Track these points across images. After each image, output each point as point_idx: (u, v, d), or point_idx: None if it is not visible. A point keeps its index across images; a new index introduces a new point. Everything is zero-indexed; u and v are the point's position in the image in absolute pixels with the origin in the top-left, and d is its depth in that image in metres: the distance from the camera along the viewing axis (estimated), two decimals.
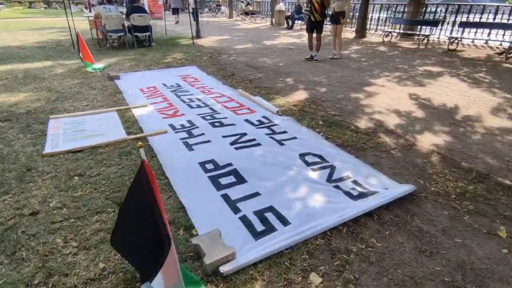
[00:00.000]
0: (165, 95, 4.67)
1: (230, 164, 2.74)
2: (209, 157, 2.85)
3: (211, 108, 4.14)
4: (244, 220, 2.07)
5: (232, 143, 3.13)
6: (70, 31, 8.41)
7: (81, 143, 3.08)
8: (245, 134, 3.36)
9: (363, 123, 3.80)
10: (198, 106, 4.23)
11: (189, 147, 3.05)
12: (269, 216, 2.11)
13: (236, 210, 2.17)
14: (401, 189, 2.40)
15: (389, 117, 4.08)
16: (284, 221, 2.06)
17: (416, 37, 10.56)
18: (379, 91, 5.22)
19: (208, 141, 3.18)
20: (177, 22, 16.92)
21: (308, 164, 2.80)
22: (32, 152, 2.94)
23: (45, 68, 6.22)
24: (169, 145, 3.08)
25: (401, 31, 11.31)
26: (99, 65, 6.33)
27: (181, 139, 3.22)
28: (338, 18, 7.59)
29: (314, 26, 7.25)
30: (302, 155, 2.94)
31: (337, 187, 2.48)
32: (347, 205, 2.23)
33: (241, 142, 3.17)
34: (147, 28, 9.02)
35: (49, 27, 14.11)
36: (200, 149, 3.01)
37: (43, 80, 5.38)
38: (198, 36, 11.60)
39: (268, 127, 3.56)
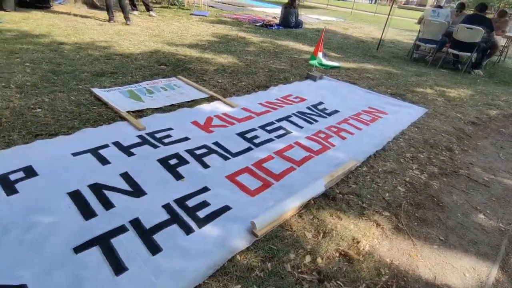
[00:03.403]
0: (275, 112, 3.47)
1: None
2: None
3: (256, 153, 2.62)
4: None
5: (131, 193, 1.97)
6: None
7: (114, 98, 3.23)
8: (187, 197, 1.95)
9: None
10: (247, 139, 2.82)
11: (99, 159, 2.27)
12: None
13: None
14: None
15: None
16: None
17: None
18: None
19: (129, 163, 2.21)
20: None
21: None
22: (91, 82, 3.52)
23: (297, 51, 6.47)
24: (96, 137, 2.49)
25: None
26: (330, 62, 5.61)
27: (116, 143, 2.45)
28: None
29: None
30: None
31: None
32: None
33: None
34: (473, 47, 6.35)
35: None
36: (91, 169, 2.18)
37: (269, 57, 5.72)
38: None
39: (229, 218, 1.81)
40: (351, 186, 2.41)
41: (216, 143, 2.66)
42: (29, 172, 2.00)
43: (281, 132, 3.03)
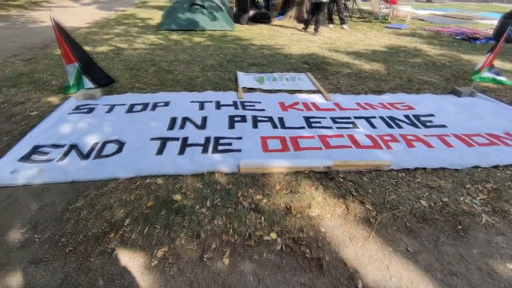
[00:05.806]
0: (363, 111, 3.57)
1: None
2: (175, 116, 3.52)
3: (303, 131, 3.16)
4: None
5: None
6: None
7: (245, 78, 4.50)
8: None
9: None
10: (307, 122, 3.26)
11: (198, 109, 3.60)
12: None
13: None
14: None
15: None
16: None
17: None
18: None
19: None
20: None
21: None
22: (243, 68, 4.84)
23: None
24: (210, 96, 3.79)
25: None
26: (496, 76, 4.47)
27: (217, 102, 3.64)
28: None
29: None
30: None
31: None
32: None
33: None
34: None
35: None
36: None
37: (426, 69, 5.26)
38: None
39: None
40: (362, 179, 2.42)
41: (280, 118, 3.30)
42: (166, 104, 3.53)
43: (347, 126, 3.20)
